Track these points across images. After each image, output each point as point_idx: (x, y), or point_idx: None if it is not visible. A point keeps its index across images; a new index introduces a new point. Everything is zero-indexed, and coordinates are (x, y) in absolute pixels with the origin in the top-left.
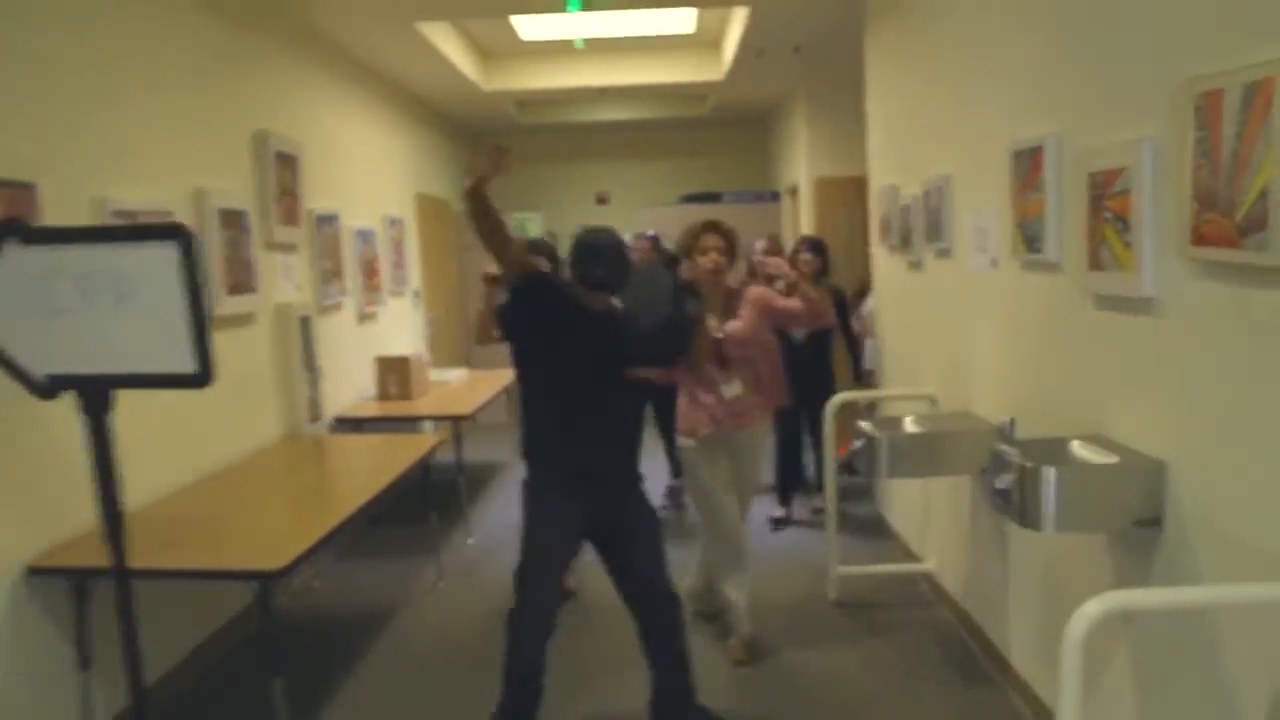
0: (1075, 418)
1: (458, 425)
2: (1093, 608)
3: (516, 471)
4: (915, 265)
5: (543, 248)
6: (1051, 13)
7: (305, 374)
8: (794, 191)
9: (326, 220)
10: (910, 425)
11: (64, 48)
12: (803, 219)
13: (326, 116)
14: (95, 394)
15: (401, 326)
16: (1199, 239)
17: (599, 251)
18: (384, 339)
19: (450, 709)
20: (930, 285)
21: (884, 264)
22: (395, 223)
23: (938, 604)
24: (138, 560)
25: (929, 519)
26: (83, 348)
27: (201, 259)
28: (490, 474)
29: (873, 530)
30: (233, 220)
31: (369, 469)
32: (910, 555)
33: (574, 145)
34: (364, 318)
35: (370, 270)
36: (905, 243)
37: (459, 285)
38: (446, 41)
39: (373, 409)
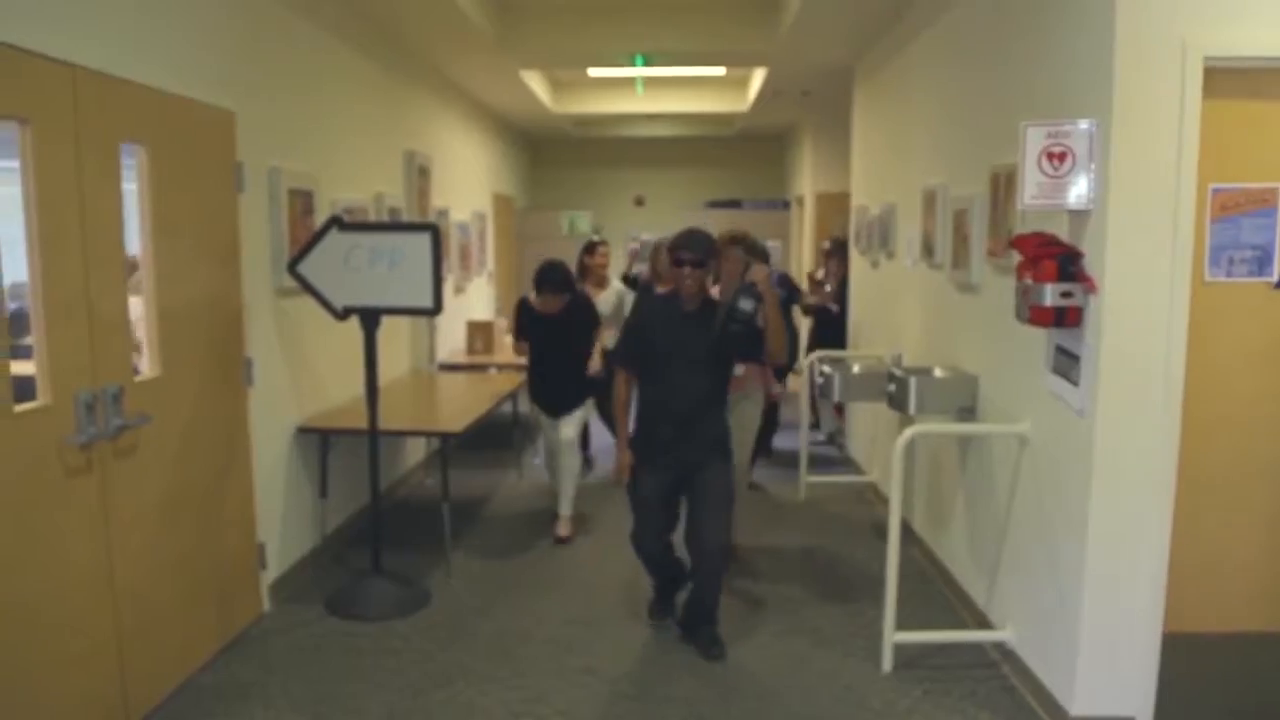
0: (943, 355)
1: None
2: (911, 432)
3: None
4: (875, 265)
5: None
6: (943, 112)
7: (427, 329)
8: (801, 201)
9: (442, 214)
10: (855, 367)
11: (318, 104)
12: (806, 224)
13: (445, 136)
14: (371, 318)
15: (481, 299)
16: (989, 252)
17: (689, 238)
18: (471, 307)
19: (523, 557)
20: (882, 279)
21: (856, 263)
22: (480, 216)
23: (877, 503)
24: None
25: (875, 445)
26: (366, 291)
27: (440, 243)
28: None
29: (839, 463)
30: (395, 213)
31: (473, 396)
32: (860, 470)
33: (618, 155)
34: (458, 291)
35: (465, 253)
36: (869, 248)
37: (520, 267)
38: (531, 77)
39: (463, 358)
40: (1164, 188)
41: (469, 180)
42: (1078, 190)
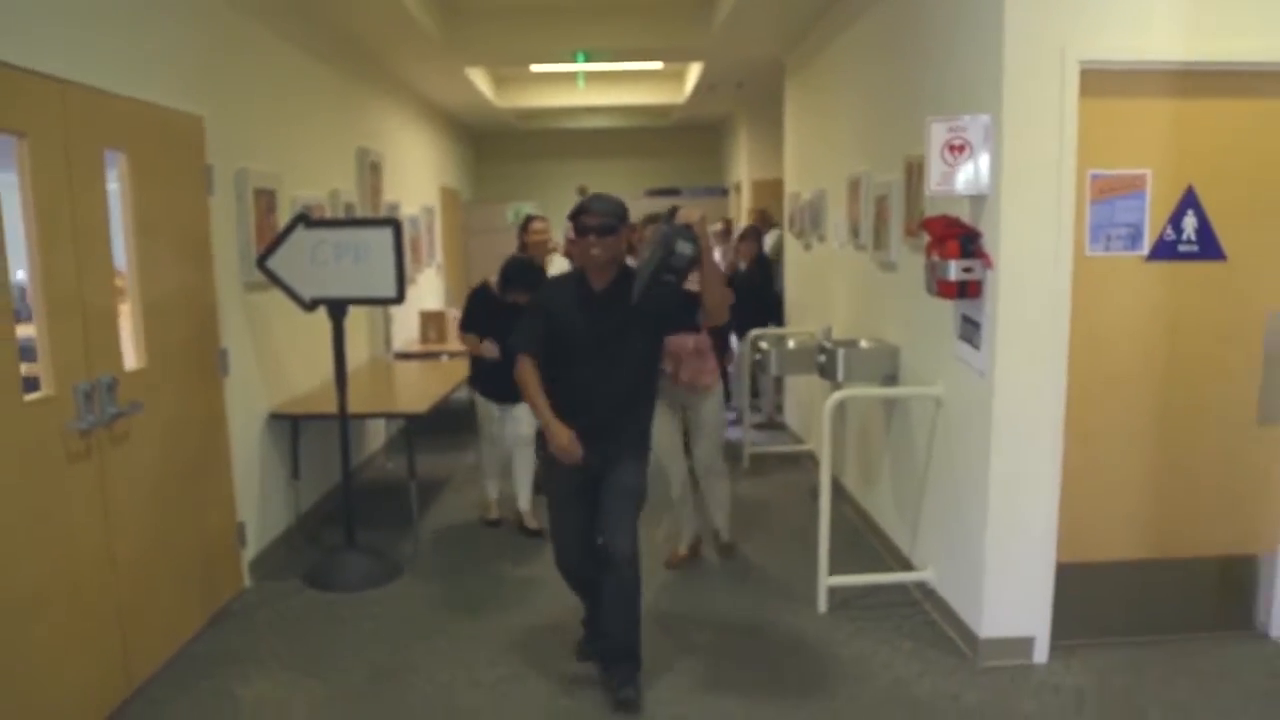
0: (869, 328)
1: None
2: (838, 396)
3: None
4: (808, 247)
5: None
6: (865, 105)
7: (383, 320)
8: (738, 187)
9: (393, 209)
10: (790, 343)
11: (279, 108)
12: (744, 209)
13: (395, 133)
14: (338, 308)
15: (431, 290)
16: (906, 231)
17: (595, 199)
18: (422, 298)
19: (484, 530)
20: (814, 260)
21: (791, 245)
22: (428, 210)
23: (814, 469)
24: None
25: (811, 415)
26: (332, 284)
27: (402, 237)
28: None
29: (779, 432)
30: (350, 209)
31: (429, 381)
32: (799, 440)
33: (560, 147)
34: (410, 282)
35: (415, 246)
36: (802, 231)
37: (465, 259)
38: (475, 74)
39: (418, 347)
40: (1048, 175)
41: (417, 175)
42: (974, 178)
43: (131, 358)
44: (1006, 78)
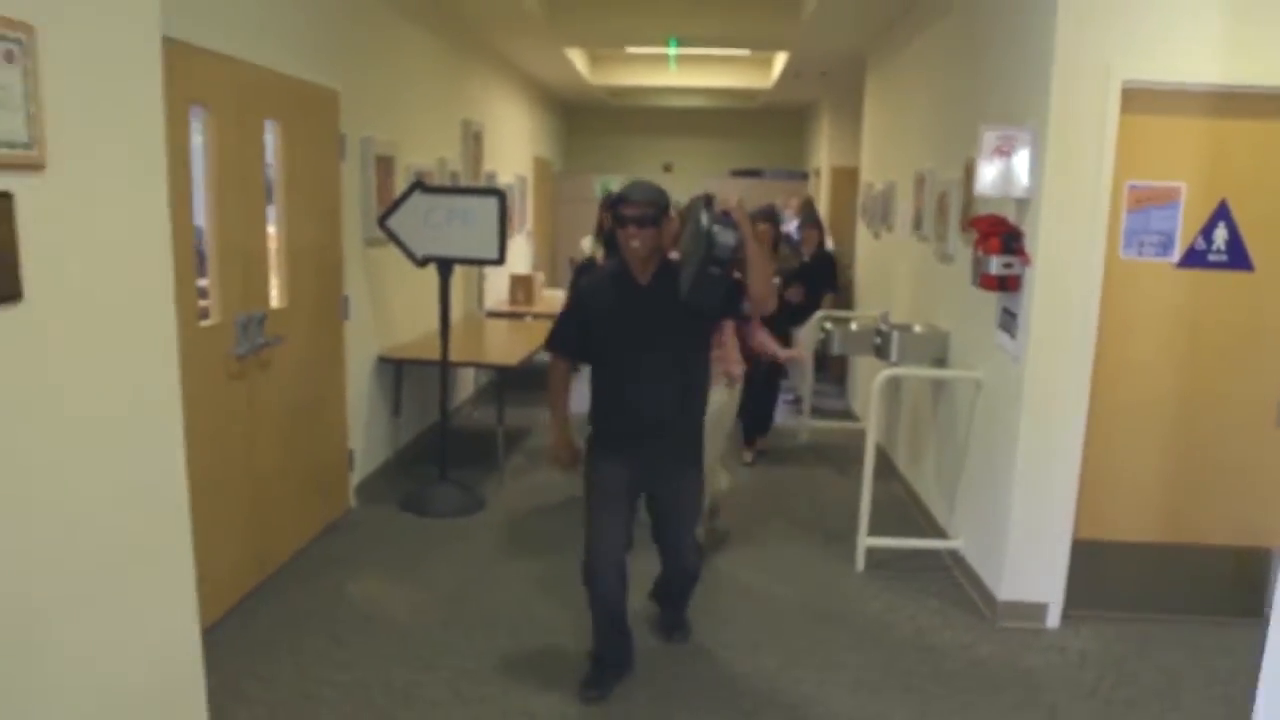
0: (925, 314)
1: None
2: (885, 374)
3: None
4: (877, 235)
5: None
6: (933, 105)
7: (476, 281)
8: (818, 173)
9: (491, 177)
10: (854, 325)
11: (397, 81)
12: (822, 194)
13: (494, 105)
14: (446, 266)
15: (521, 255)
16: (962, 227)
17: (633, 187)
18: (513, 263)
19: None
20: (883, 249)
21: (862, 234)
22: (522, 179)
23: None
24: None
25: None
26: (442, 243)
27: (506, 206)
28: None
29: (842, 413)
30: (454, 176)
31: (517, 339)
32: (858, 420)
33: (648, 123)
34: None
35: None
36: (873, 221)
37: (554, 228)
38: (573, 53)
39: (506, 307)
40: (1086, 183)
41: (513, 145)
42: (1018, 182)
43: (276, 298)
44: (1054, 92)
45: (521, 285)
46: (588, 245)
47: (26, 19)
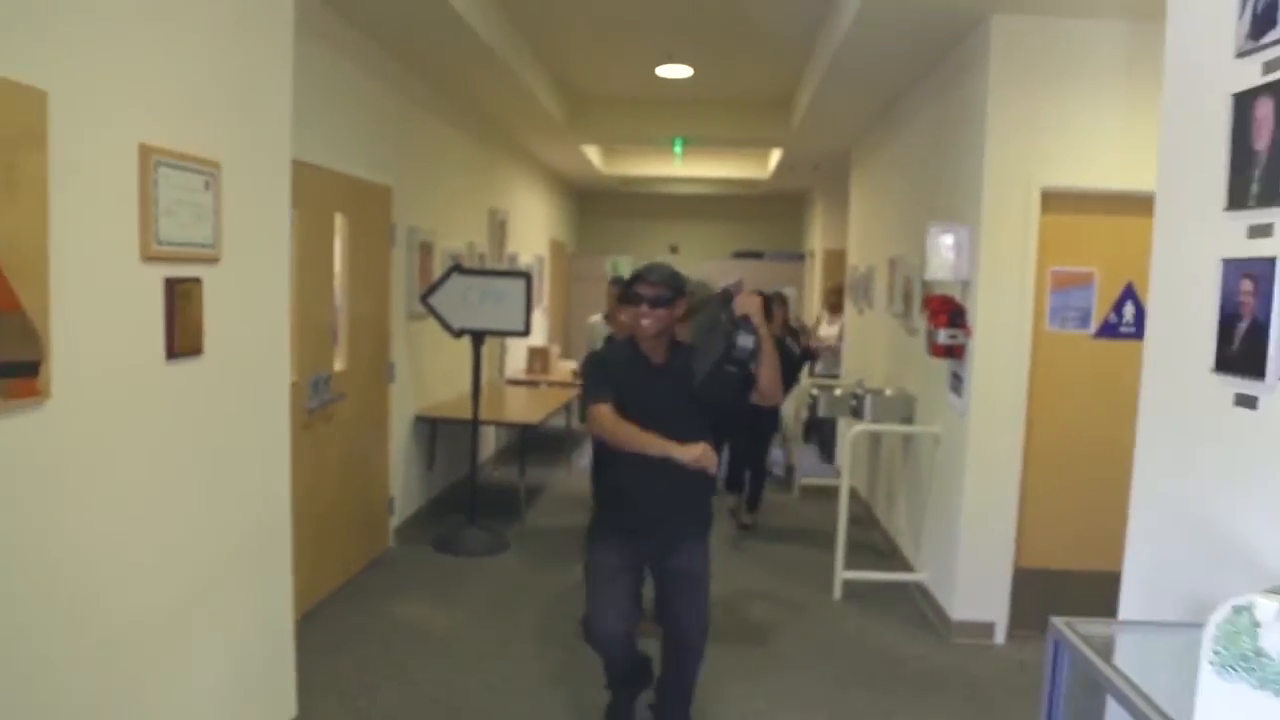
0: (897, 379)
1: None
2: (858, 428)
3: None
4: (861, 312)
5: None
6: (901, 199)
7: (499, 351)
8: (813, 254)
9: (513, 258)
10: (837, 390)
11: (435, 176)
12: (816, 275)
13: (517, 193)
14: (479, 337)
15: (538, 328)
16: (923, 305)
17: (650, 269)
18: (531, 335)
19: (574, 528)
20: (865, 323)
21: (849, 310)
22: (539, 259)
23: (854, 503)
24: (459, 416)
25: (855, 457)
26: (476, 317)
27: (531, 287)
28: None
29: (828, 469)
30: (482, 259)
31: (535, 403)
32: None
33: (656, 208)
34: None
35: None
36: (857, 299)
37: (568, 304)
38: (588, 148)
39: (524, 375)
40: (1015, 269)
41: (532, 229)
42: (961, 269)
43: (338, 362)
44: (985, 196)
45: (539, 356)
46: (597, 322)
47: (217, 159)
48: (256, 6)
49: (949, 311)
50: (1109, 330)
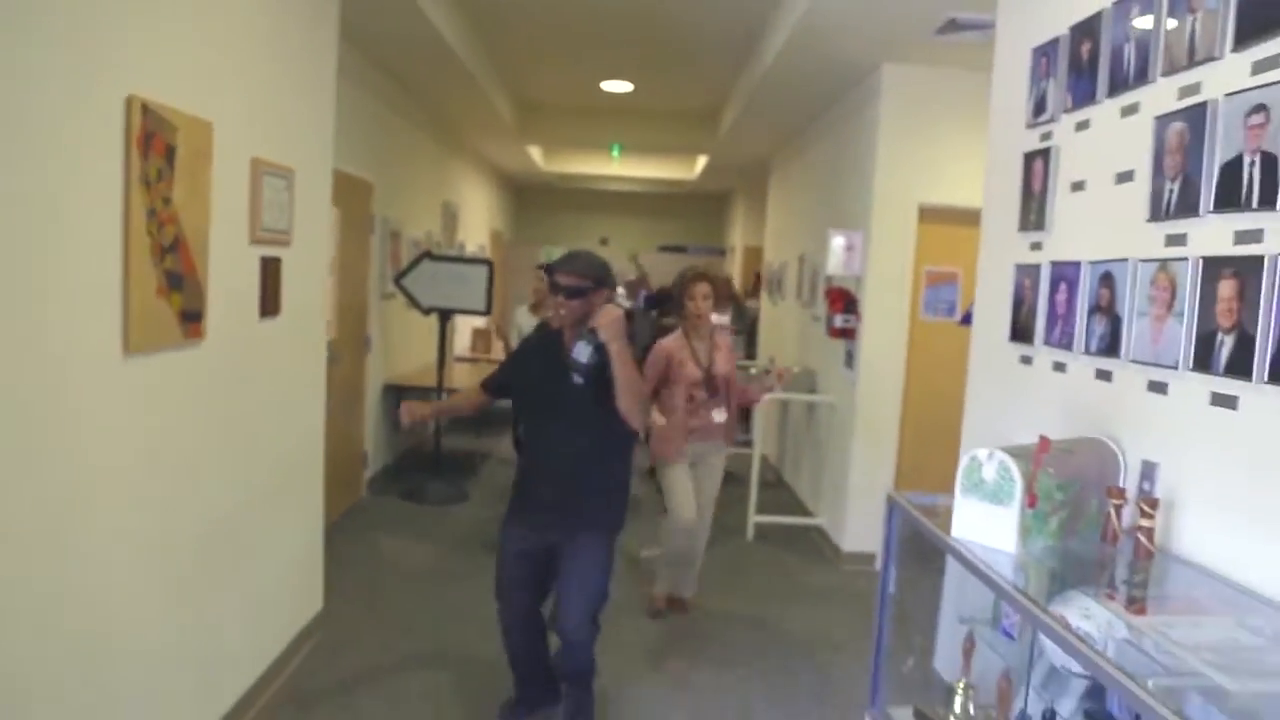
0: (803, 359)
1: None
2: (768, 397)
3: None
4: (775, 303)
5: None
6: (809, 205)
7: (450, 332)
8: (733, 250)
9: (461, 246)
10: (752, 369)
11: (403, 171)
12: (736, 268)
13: (465, 187)
14: (445, 315)
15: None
16: (824, 296)
17: (569, 258)
18: (473, 318)
19: None
20: (778, 312)
21: (764, 302)
22: (481, 247)
23: (765, 469)
24: (419, 385)
25: (770, 430)
26: (444, 297)
27: (493, 273)
28: None
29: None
30: (437, 246)
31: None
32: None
33: (589, 201)
34: None
35: None
36: (772, 292)
37: (505, 290)
38: (532, 148)
39: (469, 354)
40: (897, 268)
41: (477, 220)
42: (854, 266)
43: (331, 332)
44: (874, 208)
45: (480, 337)
46: (521, 311)
47: (293, 166)
48: (315, 49)
49: (844, 301)
50: (968, 319)
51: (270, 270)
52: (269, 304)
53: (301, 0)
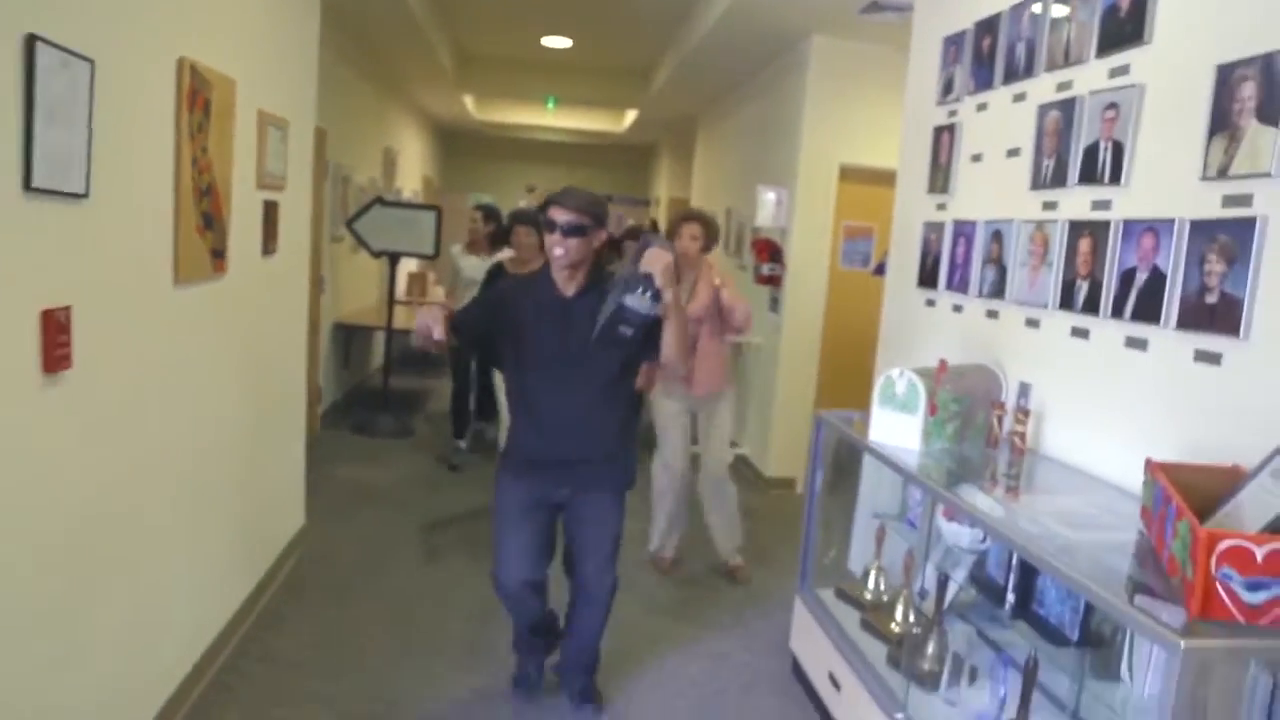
0: None
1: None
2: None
3: None
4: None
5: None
6: (738, 161)
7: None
8: (658, 201)
9: (398, 191)
10: None
11: (352, 120)
12: (661, 217)
13: (402, 134)
14: (395, 258)
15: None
16: (751, 246)
17: (567, 193)
18: (407, 262)
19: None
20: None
21: None
22: (415, 193)
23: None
24: (378, 322)
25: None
26: (393, 241)
27: (441, 219)
28: None
29: None
30: (379, 189)
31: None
32: None
33: (517, 151)
34: None
35: None
36: None
37: None
38: (466, 97)
39: (404, 297)
40: (818, 221)
41: (411, 166)
42: (781, 219)
43: None
44: (800, 166)
45: (416, 281)
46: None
47: (288, 119)
48: (303, 11)
49: (770, 251)
50: (881, 269)
51: (271, 213)
52: (269, 243)
53: None
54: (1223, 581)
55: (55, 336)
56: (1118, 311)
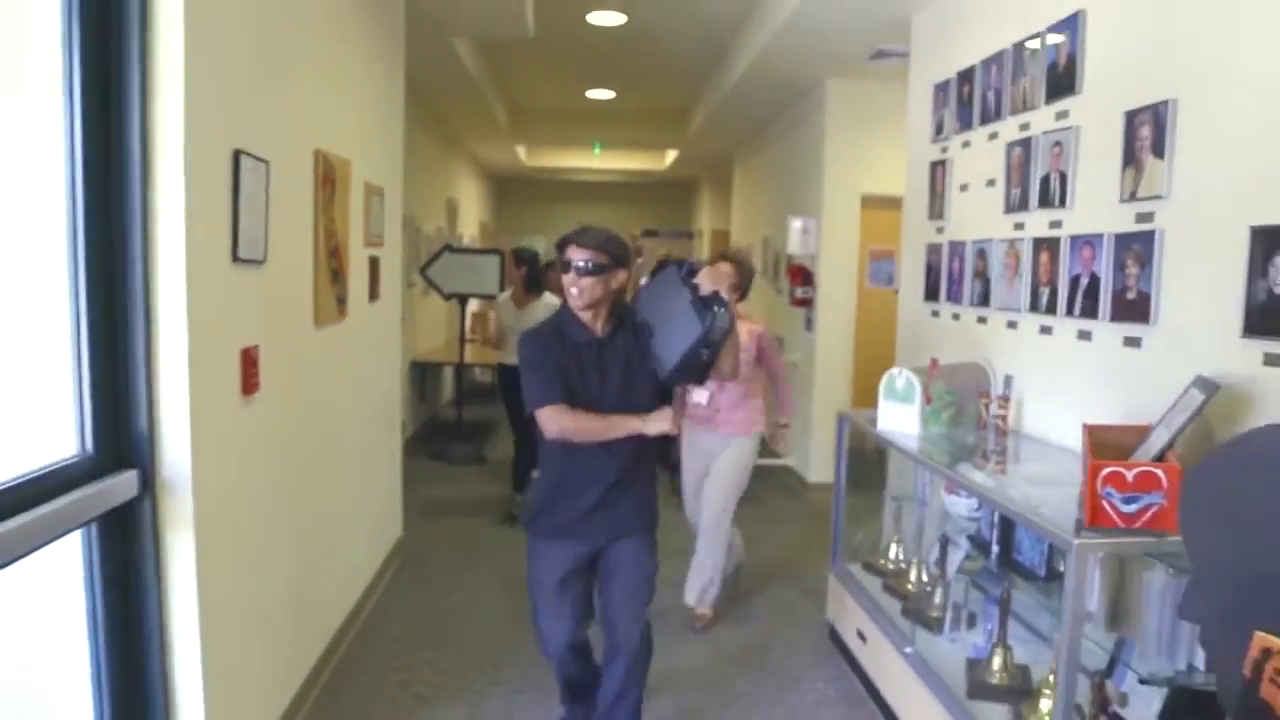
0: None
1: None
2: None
3: None
4: None
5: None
6: (771, 193)
7: (456, 317)
8: (700, 233)
9: (460, 237)
10: None
11: (416, 175)
12: (705, 249)
13: (460, 184)
14: (464, 299)
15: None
16: (786, 272)
17: (583, 232)
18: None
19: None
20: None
21: None
22: (473, 238)
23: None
24: (448, 358)
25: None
26: (462, 284)
27: (504, 261)
28: None
29: None
30: (444, 236)
31: (488, 354)
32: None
33: (566, 192)
34: None
35: None
36: None
37: None
38: (519, 146)
39: (470, 335)
40: (845, 247)
41: (469, 212)
42: (810, 247)
43: None
44: (825, 196)
45: (479, 320)
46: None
47: (383, 184)
48: (392, 96)
49: (802, 275)
50: None
51: (374, 266)
52: (374, 291)
53: (385, 62)
54: (1105, 498)
55: (250, 368)
56: (1070, 310)
